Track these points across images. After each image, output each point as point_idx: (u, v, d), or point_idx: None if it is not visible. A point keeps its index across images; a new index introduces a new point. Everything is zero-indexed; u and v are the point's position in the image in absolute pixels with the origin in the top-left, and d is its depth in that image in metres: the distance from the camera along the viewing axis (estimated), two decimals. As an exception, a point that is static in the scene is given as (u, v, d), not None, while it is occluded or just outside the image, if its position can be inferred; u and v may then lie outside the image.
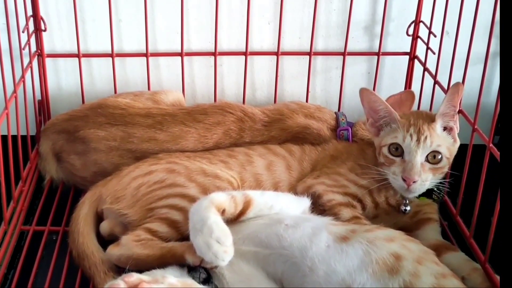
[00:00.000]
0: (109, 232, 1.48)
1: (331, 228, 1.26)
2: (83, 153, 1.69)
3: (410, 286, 1.12)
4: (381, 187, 1.51)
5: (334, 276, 1.16)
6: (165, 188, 1.44)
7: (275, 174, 1.56)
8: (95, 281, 1.39)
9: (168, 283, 1.06)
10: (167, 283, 1.06)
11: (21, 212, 1.65)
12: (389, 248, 1.19)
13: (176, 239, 1.37)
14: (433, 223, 1.56)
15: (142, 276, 1.06)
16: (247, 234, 1.27)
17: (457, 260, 1.44)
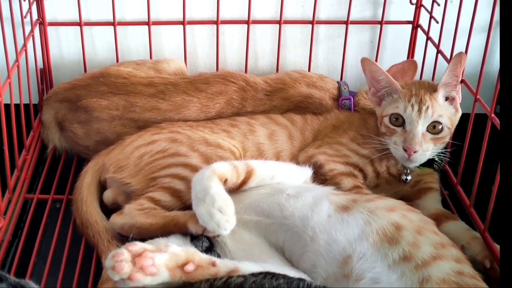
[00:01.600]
0: (112, 201, 1.50)
1: (332, 197, 1.27)
2: (86, 122, 1.70)
3: (409, 256, 1.13)
4: (383, 156, 1.52)
5: (334, 245, 1.18)
6: (168, 158, 1.45)
7: (277, 143, 1.56)
8: (99, 249, 1.40)
9: (171, 252, 1.07)
10: (170, 252, 1.07)
11: (25, 181, 1.66)
12: (389, 218, 1.20)
13: (178, 208, 1.38)
14: (433, 192, 1.57)
15: (145, 245, 1.07)
16: (249, 203, 1.28)
17: (457, 229, 1.45)
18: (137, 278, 1.03)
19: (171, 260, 1.06)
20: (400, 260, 1.13)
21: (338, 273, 1.15)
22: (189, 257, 1.07)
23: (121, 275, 1.02)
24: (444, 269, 1.12)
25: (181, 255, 1.07)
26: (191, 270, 1.06)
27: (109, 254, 1.05)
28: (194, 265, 1.07)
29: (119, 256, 1.03)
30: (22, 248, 1.48)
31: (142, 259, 1.03)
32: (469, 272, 1.14)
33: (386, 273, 1.12)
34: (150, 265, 1.03)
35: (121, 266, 1.02)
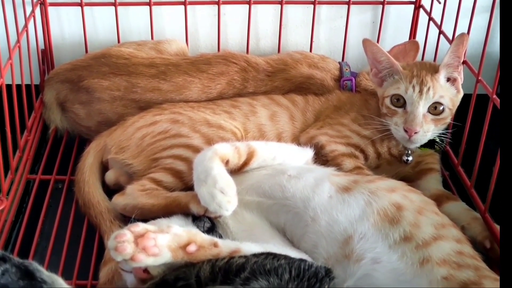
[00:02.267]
0: (114, 182, 1.50)
1: (333, 178, 1.27)
2: (87, 102, 1.70)
3: (410, 236, 1.14)
4: (384, 137, 1.52)
5: (335, 226, 1.18)
6: (169, 139, 1.45)
7: (278, 124, 1.56)
8: (101, 230, 1.41)
9: (173, 233, 1.07)
10: (172, 233, 1.07)
11: (27, 161, 1.67)
12: (390, 198, 1.20)
13: (180, 189, 1.38)
14: (434, 173, 1.57)
15: (147, 226, 1.07)
16: (251, 184, 1.29)
17: (458, 210, 1.46)
18: (140, 259, 1.03)
19: (173, 241, 1.06)
20: (401, 240, 1.14)
21: (339, 254, 1.16)
22: (191, 237, 1.08)
23: (124, 256, 1.03)
24: (444, 249, 1.12)
25: (183, 236, 1.07)
26: (193, 251, 1.06)
27: (111, 235, 1.06)
28: (196, 245, 1.07)
29: (121, 237, 1.04)
30: (25, 229, 1.49)
31: (145, 240, 1.04)
32: (469, 253, 1.15)
33: (386, 253, 1.13)
34: (153, 246, 1.04)
35: (124, 247, 1.03)
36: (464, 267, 1.10)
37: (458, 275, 1.09)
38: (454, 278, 1.08)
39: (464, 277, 1.09)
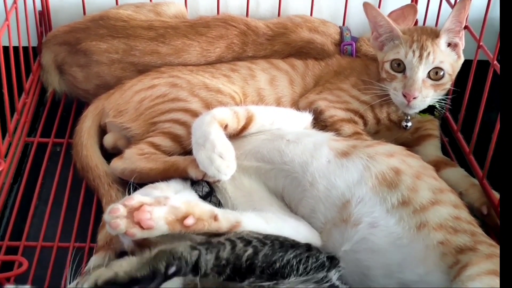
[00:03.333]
0: (112, 145, 1.50)
1: (332, 143, 1.27)
2: (85, 65, 1.68)
3: (408, 200, 1.14)
4: (383, 102, 1.51)
5: (333, 190, 1.19)
6: (168, 103, 1.44)
7: (277, 89, 1.55)
8: (99, 193, 1.42)
9: (170, 205, 1.07)
10: (169, 205, 1.07)
11: (25, 124, 1.66)
12: (389, 163, 1.21)
13: (179, 153, 1.38)
14: (433, 139, 1.57)
15: (143, 198, 1.07)
16: (249, 149, 1.28)
17: (456, 176, 1.47)
18: (133, 234, 1.04)
19: (170, 213, 1.06)
20: (398, 205, 1.14)
21: (336, 218, 1.17)
22: (189, 210, 1.07)
23: (118, 231, 1.03)
24: (441, 214, 1.13)
25: (181, 208, 1.07)
26: (191, 224, 1.06)
27: (107, 208, 1.05)
28: (195, 218, 1.06)
29: (115, 212, 1.04)
30: (23, 191, 1.49)
31: (140, 213, 1.04)
32: (466, 218, 1.16)
33: (384, 217, 1.14)
34: (148, 219, 1.03)
35: (117, 223, 1.03)
36: (461, 232, 1.11)
37: (454, 240, 1.10)
38: (450, 243, 1.10)
39: (460, 242, 1.10)
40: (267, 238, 1.07)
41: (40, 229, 1.39)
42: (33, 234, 1.40)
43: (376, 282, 1.12)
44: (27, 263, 1.18)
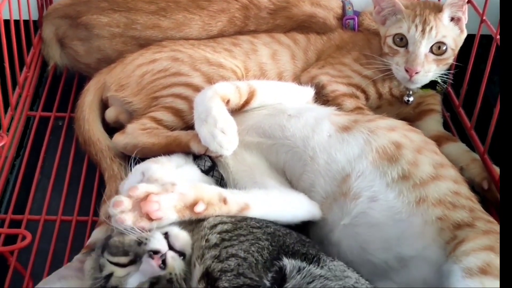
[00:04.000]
0: (114, 119, 1.50)
1: (333, 118, 1.27)
2: (86, 39, 1.68)
3: (408, 174, 1.14)
4: (385, 77, 1.51)
5: (334, 165, 1.19)
6: (170, 77, 1.44)
7: (279, 63, 1.55)
8: (102, 167, 1.42)
9: (179, 192, 1.05)
10: (178, 192, 1.05)
11: (27, 98, 1.66)
12: (390, 137, 1.21)
13: (181, 128, 1.38)
14: (435, 114, 1.57)
15: (149, 188, 1.05)
16: (251, 124, 1.28)
17: (457, 151, 1.47)
18: (142, 227, 1.02)
19: (179, 201, 1.05)
20: (398, 179, 1.15)
21: (336, 192, 1.17)
22: (198, 195, 1.06)
23: (125, 227, 1.02)
24: (441, 189, 1.13)
25: (189, 194, 1.06)
26: (202, 211, 1.05)
27: (111, 201, 1.04)
28: (204, 203, 1.06)
29: (119, 205, 1.02)
30: (26, 165, 1.50)
31: (147, 204, 1.02)
32: (465, 194, 1.17)
33: (383, 191, 1.14)
34: (156, 210, 1.02)
35: (123, 218, 1.01)
36: (459, 208, 1.12)
37: (452, 216, 1.10)
38: (448, 218, 1.10)
39: (458, 217, 1.10)
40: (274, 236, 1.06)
41: (43, 203, 1.40)
42: (36, 207, 1.41)
43: (374, 256, 1.12)
44: (30, 236, 1.19)
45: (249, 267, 0.97)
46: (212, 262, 0.99)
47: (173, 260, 1.01)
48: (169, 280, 1.00)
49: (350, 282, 0.97)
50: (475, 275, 0.97)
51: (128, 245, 1.04)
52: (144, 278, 1.01)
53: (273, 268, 0.98)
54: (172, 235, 1.03)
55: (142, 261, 1.02)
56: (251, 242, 1.02)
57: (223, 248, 1.00)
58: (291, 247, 1.03)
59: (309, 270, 0.97)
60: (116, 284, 1.04)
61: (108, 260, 1.05)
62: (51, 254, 1.28)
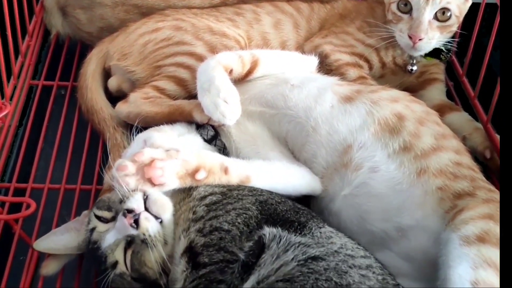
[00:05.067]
0: (117, 88, 1.50)
1: (336, 88, 1.26)
2: (89, 7, 1.67)
3: (409, 146, 1.15)
4: (389, 46, 1.50)
5: (335, 135, 1.19)
6: (172, 46, 1.43)
7: (282, 32, 1.54)
8: (105, 136, 1.42)
9: (182, 159, 1.07)
10: (181, 159, 1.07)
11: (29, 67, 1.66)
12: (392, 108, 1.21)
13: (184, 97, 1.38)
14: (438, 83, 1.57)
15: (154, 153, 1.06)
16: (254, 94, 1.28)
17: (460, 120, 1.47)
18: (144, 191, 1.05)
19: (182, 168, 1.07)
20: (400, 150, 1.15)
21: (337, 163, 1.18)
22: (200, 163, 1.08)
23: (128, 189, 1.04)
24: (442, 160, 1.14)
25: (192, 161, 1.07)
26: (202, 178, 1.07)
27: (115, 164, 1.06)
28: (206, 171, 1.07)
29: (123, 169, 1.04)
30: (29, 134, 1.50)
31: (151, 169, 1.04)
32: (467, 164, 1.17)
33: (385, 162, 1.15)
34: (159, 176, 1.04)
35: (126, 181, 1.04)
36: (460, 178, 1.12)
37: (453, 186, 1.11)
38: (448, 188, 1.11)
39: (458, 187, 1.11)
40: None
41: (46, 171, 1.41)
42: (40, 176, 1.42)
43: (373, 226, 1.13)
44: (34, 205, 1.19)
45: (231, 240, 0.99)
46: (196, 236, 1.01)
47: (147, 221, 1.04)
48: (143, 241, 1.03)
49: (333, 248, 0.98)
50: (473, 243, 0.98)
51: (112, 201, 1.09)
52: (119, 235, 1.06)
53: (254, 237, 0.99)
54: (151, 198, 1.05)
55: (117, 218, 1.06)
56: (238, 212, 1.03)
57: (207, 221, 1.02)
58: (281, 215, 1.04)
59: (289, 239, 0.98)
60: (96, 238, 1.09)
61: (94, 214, 1.10)
62: (55, 222, 1.29)
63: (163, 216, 1.05)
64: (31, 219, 1.28)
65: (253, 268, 0.95)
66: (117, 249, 1.06)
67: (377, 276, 0.94)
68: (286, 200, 1.11)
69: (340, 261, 0.94)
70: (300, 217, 1.05)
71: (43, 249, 1.16)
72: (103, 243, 1.07)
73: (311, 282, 0.89)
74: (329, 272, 0.91)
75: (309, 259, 0.93)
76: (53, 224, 1.28)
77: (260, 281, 0.91)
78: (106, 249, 1.07)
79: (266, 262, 0.95)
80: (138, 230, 1.04)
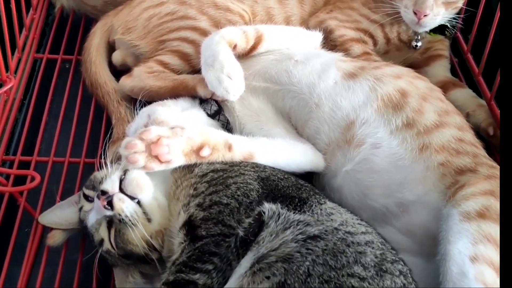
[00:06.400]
0: (121, 62, 1.50)
1: (340, 64, 1.26)
2: (93, -20, 1.67)
3: (412, 122, 1.15)
4: (394, 21, 1.50)
5: (338, 112, 1.19)
6: (176, 20, 1.43)
7: (287, 8, 1.53)
8: (109, 110, 1.43)
9: (187, 136, 1.07)
10: (186, 136, 1.07)
11: (34, 40, 1.66)
12: (395, 84, 1.21)
13: (187, 72, 1.38)
14: (443, 59, 1.56)
15: (160, 131, 1.07)
16: (258, 69, 1.28)
17: (464, 97, 1.47)
18: (152, 168, 1.05)
19: (187, 145, 1.07)
20: (402, 126, 1.15)
21: (340, 139, 1.18)
22: (205, 140, 1.09)
23: (136, 166, 1.05)
24: (444, 136, 1.14)
25: (197, 139, 1.08)
26: (207, 155, 1.08)
27: (122, 142, 1.06)
28: (210, 148, 1.08)
29: (132, 147, 1.04)
30: (33, 107, 1.51)
31: (158, 147, 1.05)
32: (469, 140, 1.17)
33: (387, 138, 1.15)
34: (166, 153, 1.05)
35: (135, 158, 1.04)
36: (462, 154, 1.13)
37: (455, 161, 1.11)
38: (450, 164, 1.11)
39: (460, 163, 1.11)
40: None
41: (51, 145, 1.42)
42: (45, 149, 1.43)
43: (375, 201, 1.14)
44: (39, 177, 1.21)
45: (230, 213, 1.00)
46: (195, 210, 1.02)
47: (121, 202, 1.05)
48: (121, 221, 1.05)
49: (333, 225, 0.98)
50: (473, 219, 0.99)
51: (96, 181, 1.10)
52: (98, 215, 1.08)
53: (253, 212, 1.00)
54: (127, 178, 1.06)
55: (94, 199, 1.08)
56: (239, 186, 1.04)
57: (208, 195, 1.03)
58: (282, 191, 1.05)
59: (287, 217, 0.99)
60: (82, 217, 1.11)
61: (83, 192, 1.12)
62: (59, 195, 1.30)
63: (140, 196, 1.06)
64: (36, 192, 1.30)
65: (251, 245, 0.96)
66: (101, 228, 1.08)
67: (375, 251, 0.95)
68: (289, 176, 1.11)
69: (339, 239, 0.95)
70: (301, 193, 1.05)
71: (47, 223, 1.18)
72: (88, 222, 1.10)
73: (307, 264, 0.90)
74: (326, 255, 0.91)
75: (308, 238, 0.94)
76: (57, 197, 1.29)
77: (260, 259, 0.92)
78: (91, 228, 1.09)
79: (264, 240, 0.96)
80: (113, 211, 1.05)
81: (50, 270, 1.20)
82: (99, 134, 1.44)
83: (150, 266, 1.09)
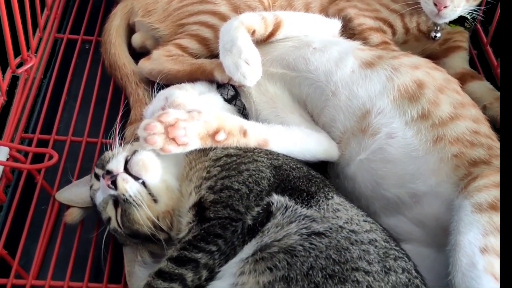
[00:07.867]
0: (140, 45, 1.51)
1: (358, 53, 1.26)
2: (115, -39, 1.67)
3: (427, 114, 1.15)
4: (413, 12, 1.49)
5: (355, 100, 1.20)
6: (196, 4, 1.43)
7: (306, -6, 1.53)
8: (127, 91, 1.44)
9: (204, 120, 1.08)
10: (203, 120, 1.08)
11: (55, 20, 1.68)
12: (413, 75, 1.20)
13: (205, 57, 1.39)
14: (462, 51, 1.56)
15: (178, 114, 1.08)
16: (275, 56, 1.29)
17: (481, 89, 1.46)
18: (169, 150, 1.07)
19: (203, 129, 1.09)
20: (418, 118, 1.15)
21: (355, 128, 1.19)
22: (221, 124, 1.10)
23: (154, 147, 1.06)
24: (459, 128, 1.14)
25: (213, 123, 1.09)
26: (222, 140, 1.09)
27: (141, 124, 1.07)
28: (225, 133, 1.09)
29: (151, 129, 1.06)
30: (53, 87, 1.53)
31: (175, 130, 1.06)
32: (485, 132, 1.17)
33: (402, 129, 1.15)
34: (183, 136, 1.06)
35: (154, 139, 1.05)
36: (477, 146, 1.13)
37: (469, 153, 1.12)
38: (464, 155, 1.11)
39: (474, 155, 1.11)
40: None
41: (69, 124, 1.44)
42: (63, 128, 1.45)
43: (388, 191, 1.14)
44: (57, 156, 1.22)
45: (239, 199, 1.01)
46: (206, 192, 1.03)
47: (124, 182, 1.07)
48: (125, 201, 1.07)
49: (338, 223, 0.99)
50: (485, 210, 0.99)
51: (105, 161, 1.12)
52: (104, 194, 1.10)
53: (262, 202, 1.01)
54: (132, 159, 1.08)
55: (100, 178, 1.10)
56: (251, 173, 1.05)
57: (219, 179, 1.04)
58: (292, 182, 1.06)
59: (294, 210, 0.99)
60: (92, 195, 1.14)
61: (94, 172, 1.14)
62: (76, 174, 1.32)
63: (144, 177, 1.08)
64: (53, 170, 1.32)
65: (257, 233, 0.98)
66: (108, 207, 1.10)
67: (378, 250, 0.95)
68: (301, 166, 1.12)
69: (343, 237, 0.95)
70: (311, 186, 1.06)
71: (64, 200, 1.20)
72: (96, 200, 1.12)
73: (310, 260, 0.91)
74: (330, 250, 0.92)
75: (312, 234, 0.95)
76: (74, 175, 1.31)
77: (263, 248, 0.94)
78: (99, 206, 1.11)
79: (270, 230, 0.97)
80: (117, 190, 1.07)
81: (65, 247, 1.22)
82: (117, 115, 1.44)
83: (158, 245, 1.11)
